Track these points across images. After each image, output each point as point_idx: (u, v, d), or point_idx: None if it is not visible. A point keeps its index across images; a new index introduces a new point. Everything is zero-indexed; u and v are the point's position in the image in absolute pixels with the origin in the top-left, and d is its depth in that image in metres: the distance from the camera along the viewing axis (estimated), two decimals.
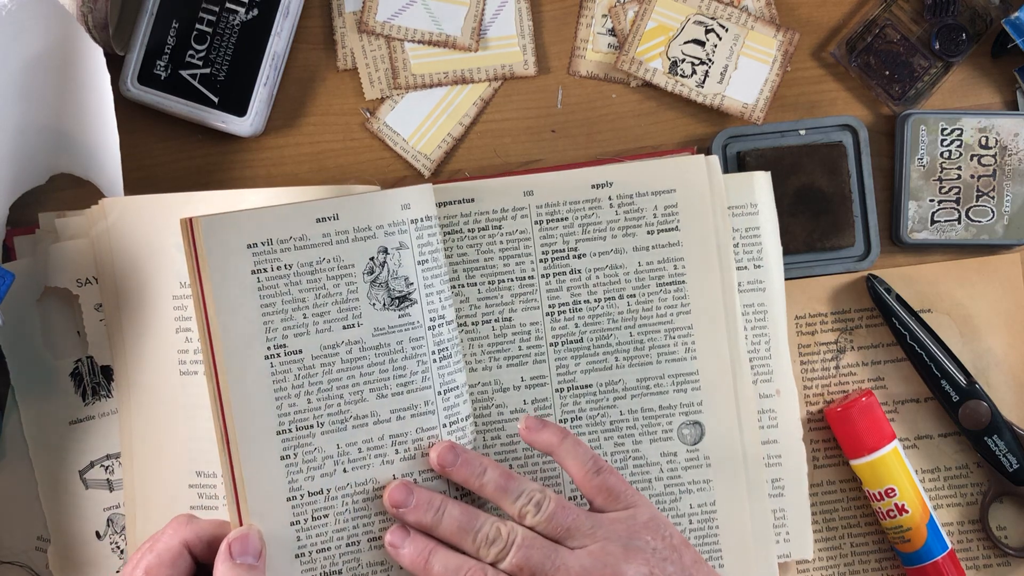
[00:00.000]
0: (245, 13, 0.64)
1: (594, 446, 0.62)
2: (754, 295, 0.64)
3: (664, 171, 0.63)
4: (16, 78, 0.58)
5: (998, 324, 0.67)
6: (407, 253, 0.57)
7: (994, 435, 0.65)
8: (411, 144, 0.66)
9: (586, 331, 0.62)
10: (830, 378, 0.66)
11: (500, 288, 0.62)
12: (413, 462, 0.56)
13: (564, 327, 0.62)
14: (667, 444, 0.63)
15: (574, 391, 0.62)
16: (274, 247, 0.55)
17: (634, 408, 0.63)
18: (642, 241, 0.63)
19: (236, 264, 0.54)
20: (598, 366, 0.62)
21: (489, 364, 0.62)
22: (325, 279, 0.55)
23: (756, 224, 0.64)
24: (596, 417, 0.62)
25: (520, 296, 0.62)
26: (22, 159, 0.61)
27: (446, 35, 0.66)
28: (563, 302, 0.63)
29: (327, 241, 0.55)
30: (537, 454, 0.61)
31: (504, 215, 0.62)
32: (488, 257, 0.62)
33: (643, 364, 0.62)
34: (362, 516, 0.56)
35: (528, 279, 0.62)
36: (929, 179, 0.66)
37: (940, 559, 0.63)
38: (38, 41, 0.57)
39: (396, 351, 0.56)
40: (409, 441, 0.56)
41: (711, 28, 0.66)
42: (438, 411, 0.57)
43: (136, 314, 0.61)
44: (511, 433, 0.61)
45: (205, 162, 0.66)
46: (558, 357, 0.62)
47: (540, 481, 0.61)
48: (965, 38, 0.66)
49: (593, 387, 0.62)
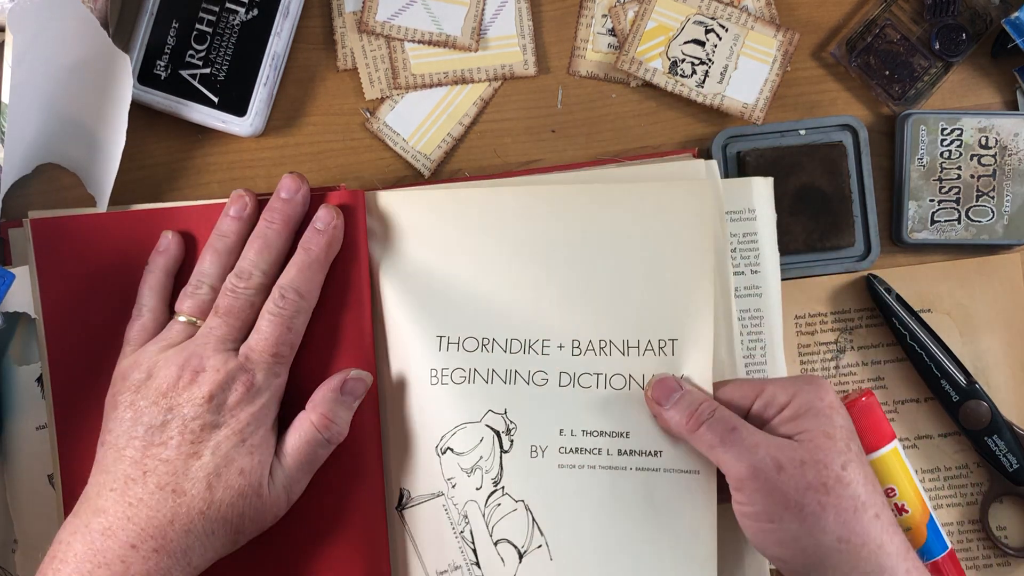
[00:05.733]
0: (245, 13, 0.64)
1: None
2: (751, 300, 0.64)
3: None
4: (55, 72, 0.59)
5: (998, 324, 0.67)
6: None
7: (994, 435, 0.65)
8: (411, 144, 0.66)
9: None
10: (830, 378, 0.66)
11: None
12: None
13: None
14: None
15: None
16: None
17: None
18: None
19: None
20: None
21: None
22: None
23: (754, 229, 0.64)
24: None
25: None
26: (36, 146, 0.62)
27: (446, 35, 0.66)
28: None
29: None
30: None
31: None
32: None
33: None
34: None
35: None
36: (929, 179, 0.66)
37: (940, 559, 0.63)
38: (76, 43, 0.59)
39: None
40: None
41: (711, 28, 0.66)
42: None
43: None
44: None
45: (205, 162, 0.66)
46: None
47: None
48: (965, 38, 0.66)
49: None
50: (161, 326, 0.59)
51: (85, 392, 0.61)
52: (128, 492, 0.53)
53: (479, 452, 0.59)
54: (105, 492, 0.54)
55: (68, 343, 0.61)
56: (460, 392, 0.60)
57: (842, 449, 0.55)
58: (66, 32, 0.57)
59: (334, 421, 0.58)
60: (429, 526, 0.60)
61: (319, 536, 0.59)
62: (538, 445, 0.59)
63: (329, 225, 0.59)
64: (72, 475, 0.60)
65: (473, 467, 0.59)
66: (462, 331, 0.61)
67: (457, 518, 0.60)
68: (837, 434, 0.55)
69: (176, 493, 0.53)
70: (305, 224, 0.60)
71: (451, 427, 0.60)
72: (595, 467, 0.59)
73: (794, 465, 0.54)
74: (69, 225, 0.62)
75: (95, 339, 0.61)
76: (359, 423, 0.60)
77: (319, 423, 0.57)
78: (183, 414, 0.55)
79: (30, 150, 0.63)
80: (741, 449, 0.55)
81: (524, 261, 0.61)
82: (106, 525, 0.52)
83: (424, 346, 0.60)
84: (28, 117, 0.59)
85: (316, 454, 0.58)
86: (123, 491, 0.53)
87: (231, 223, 0.60)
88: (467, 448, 0.59)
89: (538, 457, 0.59)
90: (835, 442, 0.55)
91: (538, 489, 0.59)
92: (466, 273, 0.61)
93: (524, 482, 0.59)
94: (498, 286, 0.61)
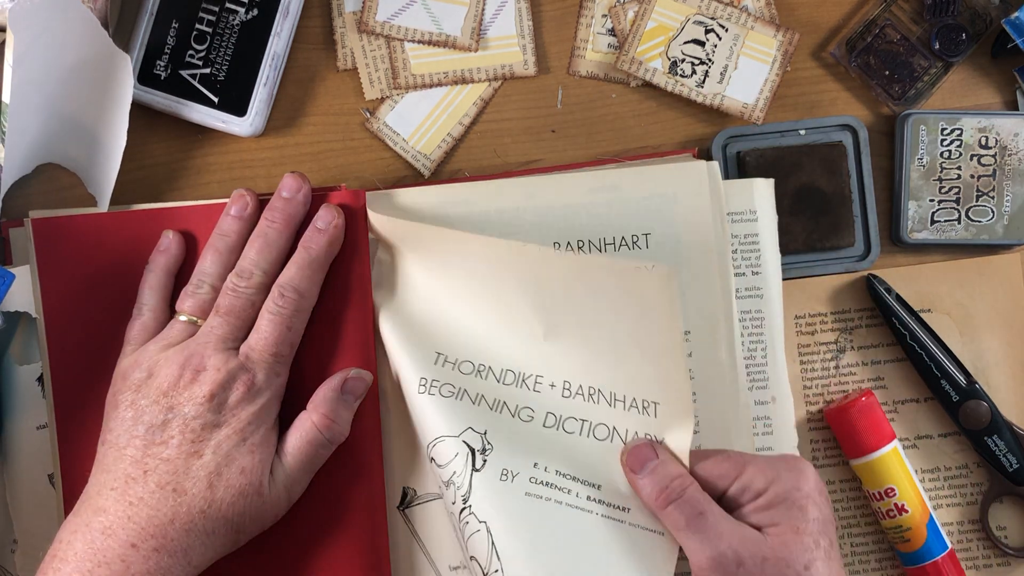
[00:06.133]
0: (245, 13, 0.64)
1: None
2: (752, 301, 0.64)
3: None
4: (55, 72, 0.59)
5: (998, 324, 0.67)
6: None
7: (994, 435, 0.65)
8: (411, 144, 0.66)
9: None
10: (830, 378, 0.66)
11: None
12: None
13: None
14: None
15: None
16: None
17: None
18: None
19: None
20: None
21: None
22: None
23: (755, 231, 0.64)
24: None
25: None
26: (36, 146, 0.62)
27: (446, 35, 0.66)
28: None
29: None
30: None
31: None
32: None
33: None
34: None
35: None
36: (929, 179, 0.66)
37: (940, 559, 0.63)
38: (76, 43, 0.59)
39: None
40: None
41: (711, 28, 0.66)
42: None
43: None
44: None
45: (205, 162, 0.66)
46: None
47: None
48: (965, 38, 0.66)
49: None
50: (162, 325, 0.59)
51: (86, 391, 0.61)
52: (129, 491, 0.53)
53: (453, 467, 0.58)
54: (105, 491, 0.54)
55: (69, 342, 0.61)
56: (445, 405, 0.59)
57: (809, 546, 0.53)
58: (67, 32, 0.57)
59: (335, 421, 0.58)
60: (438, 523, 0.60)
61: (320, 535, 0.59)
62: (509, 470, 0.58)
63: (330, 224, 0.59)
64: (72, 474, 0.60)
65: (447, 481, 0.58)
66: (460, 354, 0.60)
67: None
68: (808, 528, 0.53)
69: (177, 492, 0.53)
70: (306, 224, 0.60)
71: (432, 438, 0.59)
72: (561, 503, 0.58)
73: (755, 561, 0.53)
74: (70, 225, 0.62)
75: (96, 338, 0.61)
76: (360, 422, 0.60)
77: (320, 423, 0.57)
78: (184, 413, 0.55)
79: (31, 150, 0.63)
80: (705, 537, 0.53)
81: (529, 301, 0.60)
82: (106, 524, 0.52)
83: (422, 355, 0.60)
84: (29, 117, 0.59)
85: (317, 454, 0.58)
86: (124, 490, 0.53)
87: (232, 222, 0.60)
88: (444, 461, 0.59)
89: (507, 481, 0.58)
90: (803, 538, 0.53)
91: (501, 513, 0.57)
92: (472, 302, 0.61)
93: (489, 504, 0.57)
94: (500, 319, 0.60)
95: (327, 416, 0.57)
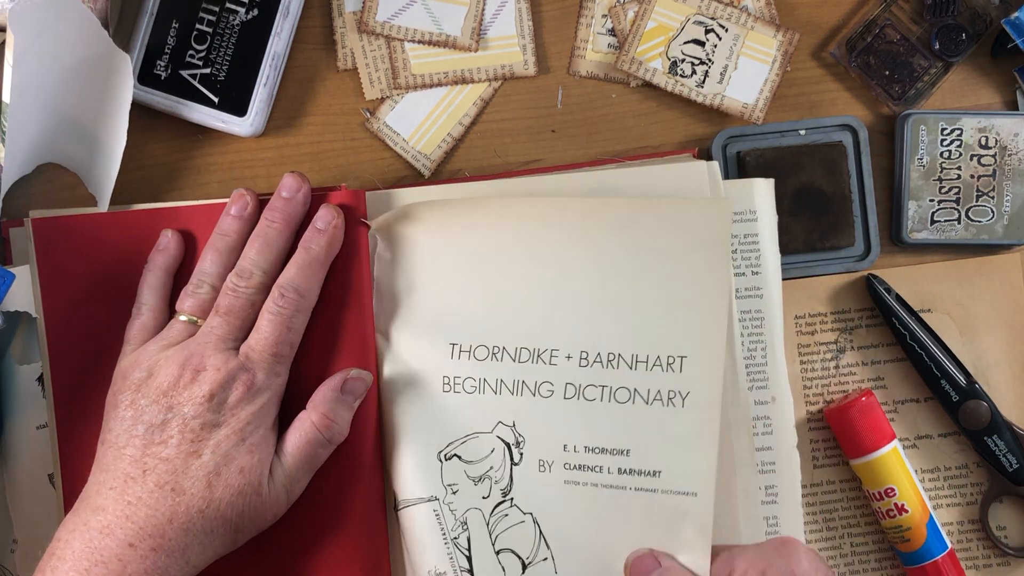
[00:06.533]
0: (245, 13, 0.64)
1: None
2: (751, 301, 0.64)
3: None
4: (55, 72, 0.59)
5: (998, 324, 0.67)
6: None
7: (994, 435, 0.65)
8: (411, 144, 0.66)
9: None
10: (830, 378, 0.66)
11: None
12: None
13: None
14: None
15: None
16: None
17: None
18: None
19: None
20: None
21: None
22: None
23: (755, 231, 0.64)
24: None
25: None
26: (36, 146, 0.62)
27: (446, 35, 0.66)
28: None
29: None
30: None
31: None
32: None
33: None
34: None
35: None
36: (929, 179, 0.66)
37: (940, 559, 0.63)
38: (76, 43, 0.59)
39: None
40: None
41: (711, 28, 0.66)
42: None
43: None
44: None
45: (205, 162, 0.66)
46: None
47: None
48: (965, 38, 0.66)
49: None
50: (161, 325, 0.59)
51: (85, 391, 0.61)
52: (127, 490, 0.53)
53: (490, 462, 0.60)
54: (104, 490, 0.54)
55: (69, 342, 0.61)
56: (471, 402, 0.60)
57: None
58: (67, 32, 0.57)
59: (335, 421, 0.58)
60: (415, 530, 0.61)
61: (319, 535, 0.60)
62: (545, 460, 0.60)
63: (330, 224, 0.59)
64: (72, 474, 0.60)
65: (482, 476, 0.59)
66: (474, 339, 0.61)
67: (452, 524, 0.60)
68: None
69: (175, 492, 0.53)
70: (306, 224, 0.60)
71: (461, 435, 0.60)
72: (597, 485, 0.59)
73: None
74: (70, 225, 0.62)
75: (96, 338, 0.61)
76: (360, 423, 0.60)
77: (319, 423, 0.57)
78: (183, 413, 0.55)
79: (31, 149, 0.63)
80: None
81: (538, 271, 0.61)
82: (105, 523, 0.53)
83: (438, 353, 0.61)
84: (29, 117, 0.59)
85: (316, 454, 0.58)
86: (122, 489, 0.53)
87: (232, 222, 0.60)
88: (477, 457, 0.60)
89: (546, 472, 0.59)
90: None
91: (546, 503, 0.59)
92: (480, 280, 0.61)
93: (533, 495, 0.60)
94: (511, 294, 0.61)
95: (327, 416, 0.58)
